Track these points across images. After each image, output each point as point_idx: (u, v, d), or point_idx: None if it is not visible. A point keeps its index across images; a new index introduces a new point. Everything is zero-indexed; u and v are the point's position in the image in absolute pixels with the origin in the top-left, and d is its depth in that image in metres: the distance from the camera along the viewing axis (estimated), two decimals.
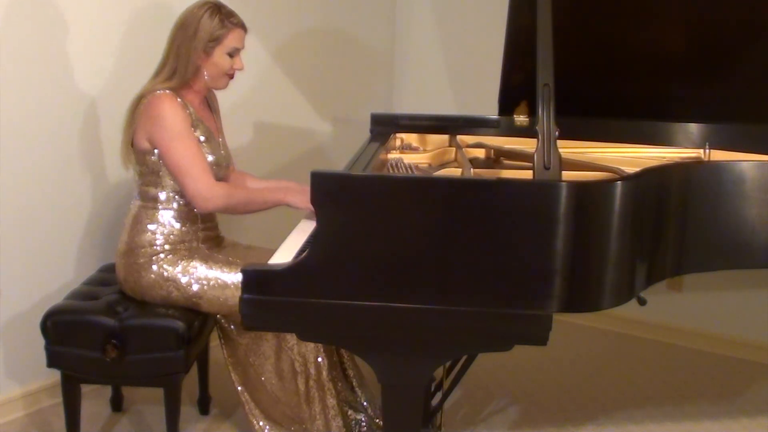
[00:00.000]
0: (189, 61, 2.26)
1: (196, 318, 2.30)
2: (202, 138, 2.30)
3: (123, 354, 2.20)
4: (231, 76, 2.36)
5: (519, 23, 2.32)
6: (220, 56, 2.29)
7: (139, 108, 2.27)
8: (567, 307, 1.75)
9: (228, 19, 2.28)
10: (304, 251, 1.88)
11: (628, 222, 1.80)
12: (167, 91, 2.25)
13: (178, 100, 2.26)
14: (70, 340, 2.22)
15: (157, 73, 2.31)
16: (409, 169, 2.31)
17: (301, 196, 2.28)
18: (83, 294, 2.38)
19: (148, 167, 2.29)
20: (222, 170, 2.39)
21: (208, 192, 2.23)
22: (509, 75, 2.49)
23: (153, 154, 2.26)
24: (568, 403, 2.91)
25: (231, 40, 2.29)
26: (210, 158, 2.31)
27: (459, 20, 3.89)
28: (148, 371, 2.25)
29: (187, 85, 2.31)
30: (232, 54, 2.31)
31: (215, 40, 2.27)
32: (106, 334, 2.20)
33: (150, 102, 2.24)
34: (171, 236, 2.29)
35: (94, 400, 2.72)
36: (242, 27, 2.32)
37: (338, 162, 2.25)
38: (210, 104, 2.47)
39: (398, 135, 2.68)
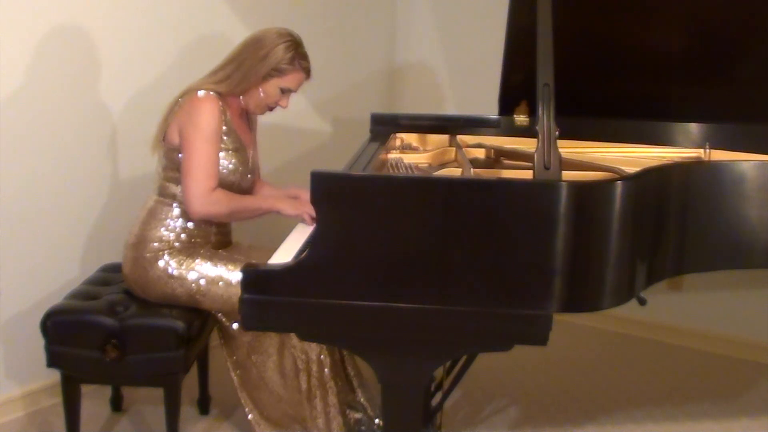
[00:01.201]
0: (246, 76, 2.28)
1: (196, 318, 2.30)
2: (231, 146, 2.31)
3: (123, 354, 2.20)
4: (271, 109, 2.40)
5: (519, 23, 2.32)
6: (273, 87, 2.32)
7: (180, 102, 2.29)
8: (567, 307, 1.75)
9: (299, 60, 2.31)
10: (304, 251, 1.88)
11: (628, 222, 1.80)
12: (211, 93, 2.27)
13: (220, 104, 2.28)
14: (70, 340, 2.22)
15: (213, 73, 2.34)
16: (409, 169, 2.31)
17: (290, 204, 2.32)
18: (83, 294, 2.38)
19: (174, 164, 2.30)
20: (247, 181, 2.40)
21: (204, 197, 2.23)
22: (509, 75, 2.49)
23: (181, 151, 2.27)
24: (568, 403, 2.91)
25: (290, 80, 2.32)
26: (233, 168, 2.32)
27: (459, 20, 3.89)
28: (148, 371, 2.25)
29: (233, 94, 2.33)
30: (284, 91, 2.34)
31: (278, 71, 2.29)
32: (106, 334, 2.20)
33: (192, 98, 2.27)
34: (182, 235, 2.30)
35: (94, 400, 2.72)
36: (307, 73, 2.36)
37: (338, 162, 2.25)
38: (248, 117, 2.48)
39: (398, 135, 2.68)
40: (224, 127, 2.30)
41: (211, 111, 2.24)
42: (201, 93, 2.27)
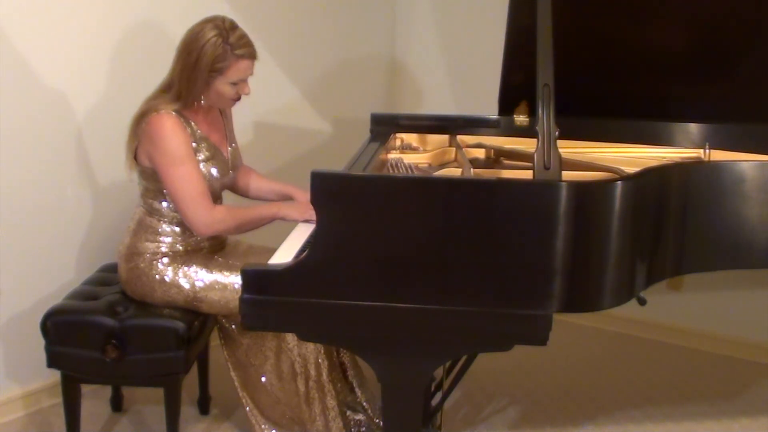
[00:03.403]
0: (192, 86, 2.18)
1: (196, 318, 2.30)
2: (205, 155, 2.28)
3: (123, 354, 2.20)
4: (236, 100, 2.29)
5: (519, 23, 2.32)
6: (222, 85, 2.19)
7: (141, 125, 2.21)
8: (567, 307, 1.75)
9: (234, 50, 2.15)
10: (304, 251, 1.88)
11: (628, 222, 1.80)
12: (170, 112, 2.18)
13: (181, 119, 2.21)
14: (70, 340, 2.22)
15: (163, 90, 2.25)
16: (409, 169, 2.31)
17: (295, 209, 2.31)
18: (83, 294, 2.38)
19: (155, 183, 2.27)
20: (229, 179, 2.39)
21: (207, 218, 2.21)
22: (509, 75, 2.49)
23: (156, 174, 2.23)
24: (568, 403, 2.91)
25: (234, 73, 2.18)
26: (215, 173, 2.29)
27: (459, 20, 3.88)
28: (148, 371, 2.25)
29: (191, 107, 2.26)
30: (236, 83, 2.21)
31: (216, 72, 2.16)
32: (106, 334, 2.20)
33: (151, 122, 2.17)
34: (175, 244, 2.30)
35: (94, 400, 2.72)
36: (249, 57, 2.19)
37: (338, 162, 2.25)
38: (219, 110, 2.42)
39: (398, 135, 2.68)
40: (193, 142, 2.23)
41: (173, 131, 2.15)
42: (161, 112, 2.17)
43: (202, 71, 2.15)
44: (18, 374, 2.66)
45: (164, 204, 2.29)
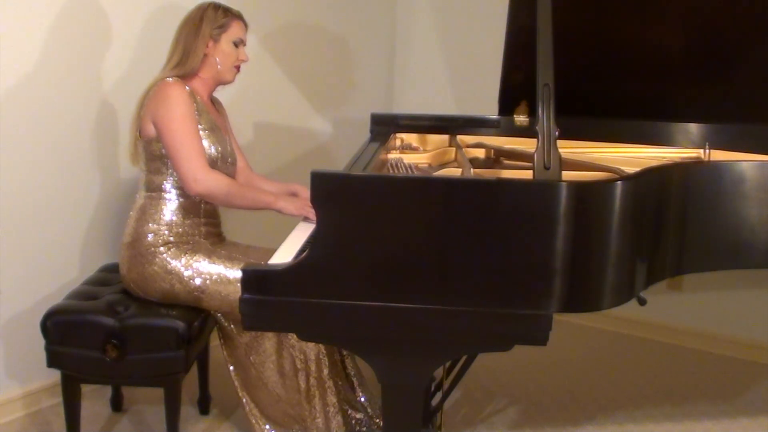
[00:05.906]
0: (196, 49, 2.34)
1: (196, 318, 2.30)
2: (206, 126, 2.34)
3: (123, 354, 2.20)
4: (237, 68, 2.43)
5: (519, 23, 2.32)
6: (226, 43, 2.37)
7: (147, 96, 2.32)
8: (567, 307, 1.75)
9: (229, 11, 2.40)
10: (304, 251, 1.88)
11: (628, 222, 1.80)
12: (176, 78, 2.32)
13: (186, 88, 2.32)
14: (70, 340, 2.22)
15: (165, 66, 2.38)
16: (409, 169, 2.31)
17: (292, 203, 2.32)
18: (83, 294, 2.38)
19: (155, 154, 2.31)
20: (228, 167, 2.41)
21: (200, 174, 2.25)
22: (509, 75, 2.49)
23: (159, 140, 2.29)
24: (568, 403, 2.91)
25: (235, 29, 2.39)
26: (213, 150, 2.33)
27: (459, 20, 3.89)
28: (148, 371, 2.25)
29: (194, 74, 2.37)
30: (237, 44, 2.39)
31: (220, 27, 2.36)
32: (106, 334, 2.20)
33: (158, 87, 2.30)
34: (174, 228, 2.31)
35: (94, 400, 2.73)
36: (243, 20, 2.43)
37: (338, 162, 2.25)
38: (216, 107, 2.52)
39: (398, 135, 2.68)
40: (195, 108, 2.32)
41: (179, 93, 2.28)
42: (167, 79, 2.31)
43: (206, 31, 2.35)
44: (18, 374, 2.66)
45: (164, 178, 2.32)
